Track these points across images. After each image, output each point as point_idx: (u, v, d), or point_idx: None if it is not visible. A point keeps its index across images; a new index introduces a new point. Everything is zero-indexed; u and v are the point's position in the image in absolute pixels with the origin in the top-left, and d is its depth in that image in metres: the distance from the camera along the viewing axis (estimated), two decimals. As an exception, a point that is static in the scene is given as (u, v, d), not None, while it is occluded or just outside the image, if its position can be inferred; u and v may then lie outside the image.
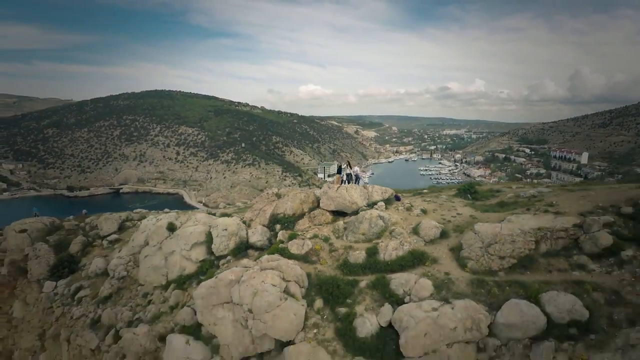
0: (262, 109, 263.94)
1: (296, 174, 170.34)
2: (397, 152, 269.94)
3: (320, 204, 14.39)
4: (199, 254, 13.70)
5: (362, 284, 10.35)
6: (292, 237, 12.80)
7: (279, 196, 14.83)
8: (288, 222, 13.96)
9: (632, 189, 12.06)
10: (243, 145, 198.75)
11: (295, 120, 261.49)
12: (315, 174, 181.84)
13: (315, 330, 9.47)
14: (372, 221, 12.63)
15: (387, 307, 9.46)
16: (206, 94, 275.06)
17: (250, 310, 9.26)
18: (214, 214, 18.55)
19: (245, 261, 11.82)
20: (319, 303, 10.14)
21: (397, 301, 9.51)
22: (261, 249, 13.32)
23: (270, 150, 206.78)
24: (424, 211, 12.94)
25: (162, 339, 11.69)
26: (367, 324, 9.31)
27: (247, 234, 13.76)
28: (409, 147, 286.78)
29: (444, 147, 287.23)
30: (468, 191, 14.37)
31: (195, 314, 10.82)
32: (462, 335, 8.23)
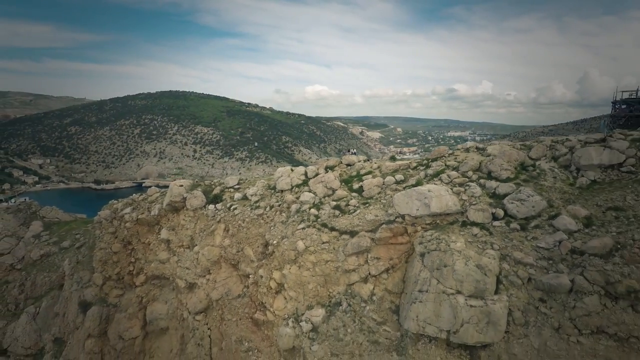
0: (271, 109, 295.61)
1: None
2: (400, 152, 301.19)
3: (342, 162, 45.80)
4: (303, 177, 45.10)
5: (355, 179, 41.62)
6: (333, 171, 44.10)
7: (327, 159, 46.29)
8: (331, 167, 45.38)
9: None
10: (256, 144, 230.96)
11: (302, 121, 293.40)
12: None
13: (342, 188, 40.69)
14: (359, 165, 43.93)
15: (361, 182, 40.58)
16: (214, 93, 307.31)
17: (327, 182, 40.55)
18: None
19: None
20: (343, 183, 41.43)
21: (363, 180, 40.71)
22: (323, 175, 44.78)
23: (280, 149, 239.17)
24: (375, 162, 44.34)
25: (294, 201, 42.90)
26: (355, 185, 40.47)
27: (318, 170, 45.21)
28: (413, 149, 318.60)
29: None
30: (393, 157, 45.84)
31: (309, 187, 42.18)
32: (376, 184, 39.17)
